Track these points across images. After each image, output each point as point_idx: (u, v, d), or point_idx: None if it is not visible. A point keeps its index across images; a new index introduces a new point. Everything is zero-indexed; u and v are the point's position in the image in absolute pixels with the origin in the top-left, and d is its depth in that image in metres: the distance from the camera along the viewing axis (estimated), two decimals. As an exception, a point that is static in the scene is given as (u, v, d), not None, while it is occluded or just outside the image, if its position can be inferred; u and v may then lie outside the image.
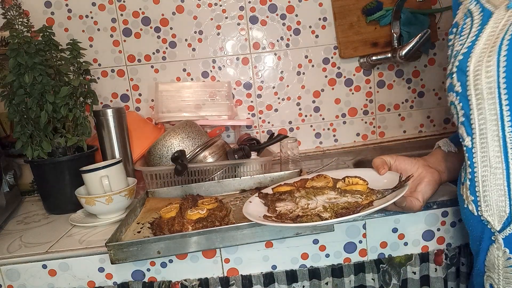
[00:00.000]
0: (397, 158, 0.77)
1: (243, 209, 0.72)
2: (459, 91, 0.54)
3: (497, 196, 0.52)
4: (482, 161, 0.54)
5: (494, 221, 0.53)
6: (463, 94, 0.54)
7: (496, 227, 0.53)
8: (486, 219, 0.54)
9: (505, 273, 0.53)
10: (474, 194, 0.56)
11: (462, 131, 0.56)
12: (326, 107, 1.38)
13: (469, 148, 0.56)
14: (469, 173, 0.57)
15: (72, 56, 0.98)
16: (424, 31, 1.14)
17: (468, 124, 0.55)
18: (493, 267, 0.55)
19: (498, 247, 0.53)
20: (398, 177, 0.70)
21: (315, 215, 0.65)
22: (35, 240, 0.84)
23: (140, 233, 0.79)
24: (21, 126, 0.93)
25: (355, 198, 0.69)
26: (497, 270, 0.54)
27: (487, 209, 0.54)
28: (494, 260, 0.54)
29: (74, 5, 1.26)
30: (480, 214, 0.56)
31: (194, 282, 0.79)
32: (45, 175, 0.97)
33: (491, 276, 0.56)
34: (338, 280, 0.82)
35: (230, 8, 1.30)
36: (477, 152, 0.54)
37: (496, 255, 0.54)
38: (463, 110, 0.55)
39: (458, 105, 0.56)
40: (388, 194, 0.68)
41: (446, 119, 1.42)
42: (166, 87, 1.29)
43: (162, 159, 1.06)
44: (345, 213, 0.64)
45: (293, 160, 1.12)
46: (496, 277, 0.55)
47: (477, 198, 0.56)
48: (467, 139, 0.56)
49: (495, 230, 0.53)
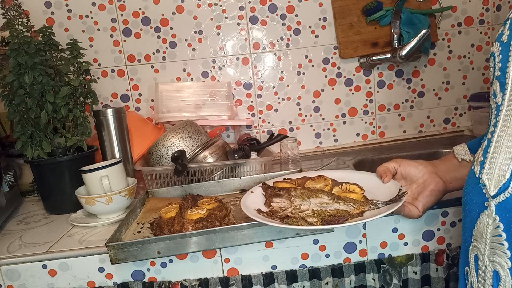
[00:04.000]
0: (402, 163, 0.75)
1: (242, 198, 0.75)
2: (504, 40, 0.52)
3: (502, 159, 0.50)
4: (504, 120, 0.51)
5: (490, 185, 0.51)
6: (507, 44, 0.51)
7: (491, 192, 0.51)
8: (484, 183, 0.52)
9: (491, 242, 0.51)
10: (484, 155, 0.54)
11: (496, 87, 0.53)
12: (326, 107, 1.38)
13: (498, 105, 0.53)
14: (490, 132, 0.54)
15: (72, 56, 0.98)
16: (424, 31, 1.14)
17: (503, 79, 0.52)
18: (481, 236, 0.52)
19: (489, 214, 0.51)
20: (398, 189, 0.69)
21: (301, 219, 0.65)
22: (35, 240, 0.84)
23: (140, 233, 0.79)
24: (21, 126, 0.93)
25: (347, 206, 0.69)
26: (484, 239, 0.52)
27: (489, 171, 0.52)
28: (483, 228, 0.52)
29: (74, 5, 1.26)
30: (480, 176, 0.53)
31: (194, 282, 0.79)
32: (45, 175, 0.97)
33: (477, 246, 0.53)
34: (338, 280, 0.82)
35: (230, 8, 1.30)
36: (503, 110, 0.51)
37: (486, 223, 0.51)
38: (500, 64, 0.52)
39: (497, 57, 0.53)
40: (381, 206, 0.67)
41: (446, 119, 1.42)
42: (166, 87, 1.29)
43: (162, 159, 1.06)
44: (331, 220, 0.64)
45: (293, 160, 1.12)
46: (483, 247, 0.52)
47: (485, 159, 0.53)
48: (499, 96, 0.53)
49: (489, 196, 0.51)
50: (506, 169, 0.49)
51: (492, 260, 0.51)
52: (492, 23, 1.36)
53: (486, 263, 0.51)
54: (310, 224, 0.64)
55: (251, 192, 0.79)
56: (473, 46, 1.37)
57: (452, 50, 1.37)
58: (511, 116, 0.50)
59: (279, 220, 0.66)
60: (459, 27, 1.36)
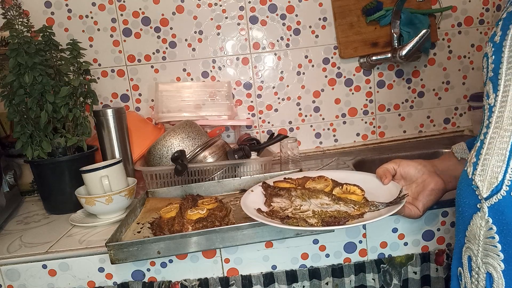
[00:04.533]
0: (401, 163, 0.75)
1: (242, 197, 0.74)
2: (497, 41, 0.52)
3: (495, 161, 0.50)
4: (496, 121, 0.51)
5: (483, 187, 0.50)
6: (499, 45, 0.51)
7: (484, 193, 0.50)
8: (476, 184, 0.52)
9: (484, 244, 0.50)
10: (477, 156, 0.53)
11: (489, 88, 0.53)
12: (326, 107, 1.38)
13: (491, 106, 0.53)
14: (483, 133, 0.54)
15: (72, 56, 0.98)
16: (424, 31, 1.14)
17: (495, 80, 0.52)
18: (474, 237, 0.52)
19: (481, 216, 0.50)
20: (398, 190, 0.69)
21: (302, 219, 0.65)
22: (35, 240, 0.84)
23: (140, 233, 0.79)
24: (21, 126, 0.93)
25: (347, 207, 0.69)
26: (477, 241, 0.51)
27: (481, 173, 0.51)
28: (476, 230, 0.51)
29: (74, 5, 1.26)
30: (472, 178, 0.53)
31: (194, 282, 0.79)
32: (45, 175, 0.97)
33: (470, 247, 0.53)
34: (339, 280, 0.82)
35: (230, 8, 1.30)
36: (495, 112, 0.51)
37: (479, 224, 0.51)
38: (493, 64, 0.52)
39: (490, 58, 0.53)
40: (382, 208, 0.67)
41: (446, 119, 1.42)
42: (166, 87, 1.29)
43: (162, 159, 1.06)
44: (331, 222, 0.64)
45: (293, 160, 1.12)
46: (476, 248, 0.52)
47: (478, 160, 0.53)
48: (491, 97, 0.53)
49: (482, 198, 0.51)
50: (499, 171, 0.49)
51: (485, 262, 0.50)
52: (492, 23, 1.36)
53: (479, 264, 0.51)
54: (311, 225, 0.64)
55: (251, 191, 0.79)
56: (473, 46, 1.37)
57: (452, 50, 1.37)
58: (503, 118, 0.50)
59: (279, 220, 0.66)
60: (459, 27, 1.36)
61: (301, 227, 0.63)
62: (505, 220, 0.47)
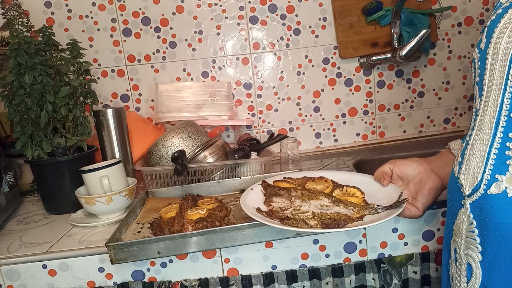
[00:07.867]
0: (396, 163, 0.75)
1: (242, 196, 0.74)
2: (482, 48, 0.55)
3: (476, 162, 0.54)
4: (478, 125, 0.55)
5: (466, 185, 0.55)
6: (484, 51, 0.54)
7: (466, 191, 0.55)
8: (461, 182, 0.56)
9: (466, 237, 0.55)
10: (462, 156, 0.58)
11: (476, 92, 0.57)
12: (326, 107, 1.38)
13: (476, 109, 0.56)
14: (468, 135, 0.57)
15: (72, 56, 0.98)
16: (424, 31, 1.14)
17: (480, 85, 0.55)
18: (458, 231, 0.57)
19: (464, 211, 0.55)
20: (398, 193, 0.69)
21: (301, 221, 0.65)
22: (35, 240, 0.84)
23: (140, 233, 0.79)
24: (21, 126, 0.93)
25: (347, 210, 0.68)
26: (461, 234, 0.56)
27: (465, 172, 0.56)
28: (460, 224, 0.56)
29: (74, 5, 1.26)
30: (458, 176, 0.57)
31: (194, 282, 0.79)
32: (45, 175, 0.97)
33: (456, 240, 0.58)
34: (339, 280, 0.82)
35: (230, 8, 1.30)
36: (479, 115, 0.55)
37: (462, 220, 0.55)
38: (479, 70, 0.55)
39: (476, 63, 0.56)
40: (381, 211, 0.67)
41: (446, 119, 1.42)
42: (166, 87, 1.29)
43: (162, 159, 1.06)
44: (330, 224, 0.64)
45: (293, 160, 1.12)
46: (459, 241, 0.56)
47: (463, 160, 0.57)
48: (477, 101, 0.56)
49: (465, 195, 0.55)
50: (478, 171, 0.53)
51: (466, 254, 0.55)
52: (492, 23, 1.36)
53: (462, 256, 0.56)
54: (310, 227, 0.64)
55: (251, 190, 0.79)
56: (473, 46, 1.37)
57: (452, 50, 1.37)
58: (484, 122, 0.53)
59: (279, 221, 0.66)
60: (459, 27, 1.36)
61: (300, 229, 0.63)
62: (483, 216, 0.52)
